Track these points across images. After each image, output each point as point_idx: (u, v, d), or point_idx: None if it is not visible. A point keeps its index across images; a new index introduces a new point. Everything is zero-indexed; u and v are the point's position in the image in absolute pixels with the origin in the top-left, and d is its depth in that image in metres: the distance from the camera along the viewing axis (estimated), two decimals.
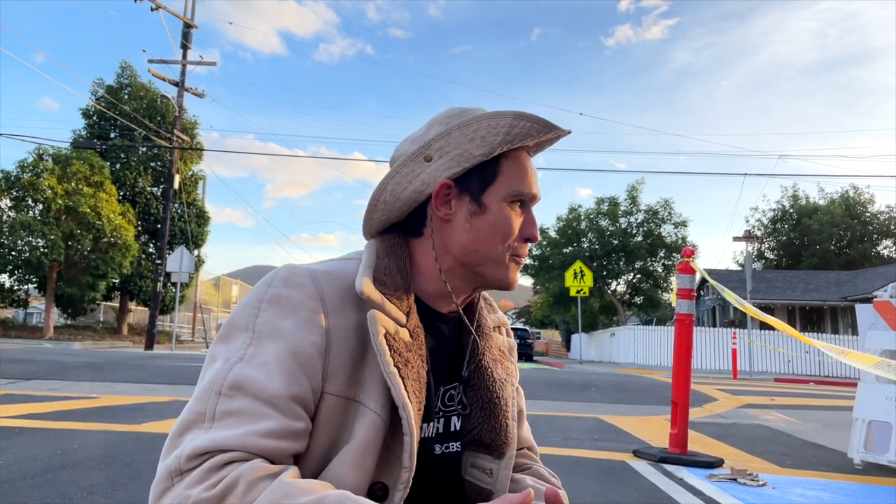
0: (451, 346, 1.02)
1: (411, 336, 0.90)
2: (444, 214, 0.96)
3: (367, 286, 0.87)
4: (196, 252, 25.63)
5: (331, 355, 0.84)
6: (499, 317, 1.15)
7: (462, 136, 0.94)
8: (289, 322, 0.84)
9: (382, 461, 0.84)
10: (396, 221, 1.01)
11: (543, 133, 0.96)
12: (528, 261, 35.03)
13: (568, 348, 46.42)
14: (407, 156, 0.97)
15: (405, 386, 0.84)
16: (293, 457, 0.82)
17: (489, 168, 0.96)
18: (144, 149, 25.17)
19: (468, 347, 1.03)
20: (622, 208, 33.17)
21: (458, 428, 1.01)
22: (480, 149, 0.94)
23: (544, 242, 34.46)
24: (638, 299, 34.62)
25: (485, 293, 1.13)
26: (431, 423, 0.97)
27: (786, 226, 39.74)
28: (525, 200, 0.98)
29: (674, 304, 4.75)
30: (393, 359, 0.85)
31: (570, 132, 1.01)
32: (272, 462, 0.77)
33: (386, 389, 0.85)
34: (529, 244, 0.99)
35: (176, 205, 23.94)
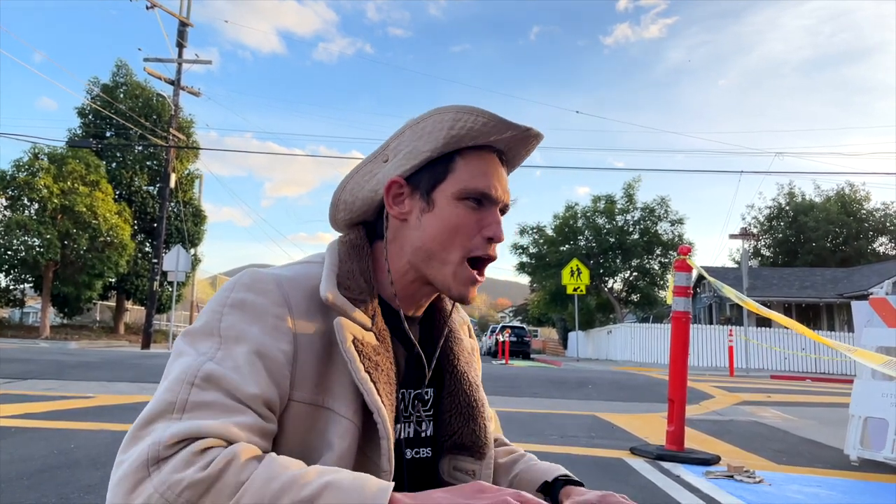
0: (415, 350, 1.01)
1: (378, 339, 0.89)
2: (398, 213, 0.95)
3: (331, 293, 0.87)
4: (192, 251, 25.60)
5: (298, 362, 0.83)
6: (462, 316, 1.14)
7: (413, 133, 0.94)
8: (255, 328, 0.82)
9: (359, 466, 0.82)
10: (364, 221, 1.01)
11: (493, 128, 0.92)
12: (525, 259, 35.04)
13: (565, 346, 46.45)
14: (368, 157, 0.98)
15: (377, 390, 0.84)
16: None
17: (440, 165, 0.94)
18: (140, 148, 25.13)
19: (436, 353, 1.02)
20: (619, 206, 33.15)
21: (428, 434, 1.01)
22: (427, 145, 0.93)
23: (541, 240, 34.47)
24: (635, 297, 34.64)
25: None
26: (400, 426, 0.96)
27: (782, 223, 39.79)
28: (480, 199, 0.94)
29: (670, 302, 4.75)
30: (363, 364, 0.84)
31: (537, 133, 0.97)
32: None
33: (357, 395, 0.83)
34: (494, 245, 0.96)
35: (172, 204, 23.89)
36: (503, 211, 0.99)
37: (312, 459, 0.81)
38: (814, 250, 36.96)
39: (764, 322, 24.63)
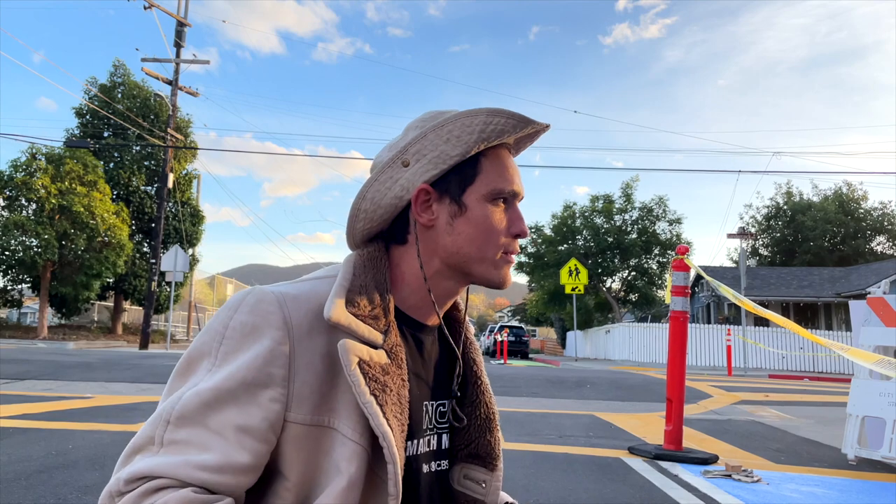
0: (437, 360, 1.01)
1: (389, 356, 0.87)
2: (427, 220, 0.94)
3: (335, 312, 0.85)
4: (190, 251, 25.55)
5: (295, 384, 0.82)
6: (468, 324, 1.14)
7: (437, 137, 0.93)
8: (250, 351, 0.82)
9: (369, 486, 0.83)
10: (381, 230, 0.99)
11: (519, 128, 0.94)
12: (523, 258, 35.06)
13: (563, 346, 46.48)
14: (385, 162, 0.95)
15: (384, 413, 0.82)
16: (261, 490, 0.83)
17: (468, 168, 0.94)
18: (138, 147, 25.09)
19: (458, 363, 1.02)
20: (617, 206, 33.20)
21: (446, 446, 1.01)
22: (457, 149, 0.92)
23: (539, 240, 34.49)
24: (633, 296, 34.68)
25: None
26: (421, 441, 0.95)
27: (780, 223, 39.85)
28: (507, 197, 0.96)
29: (668, 301, 4.76)
30: (369, 387, 0.82)
31: (548, 126, 0.98)
32: (211, 493, 0.77)
33: (364, 416, 0.83)
34: (520, 240, 0.98)
35: (170, 204, 23.86)
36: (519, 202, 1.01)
37: (323, 482, 0.81)
38: (811, 250, 37.01)
39: (762, 321, 24.66)
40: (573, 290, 22.72)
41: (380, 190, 0.95)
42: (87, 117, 25.25)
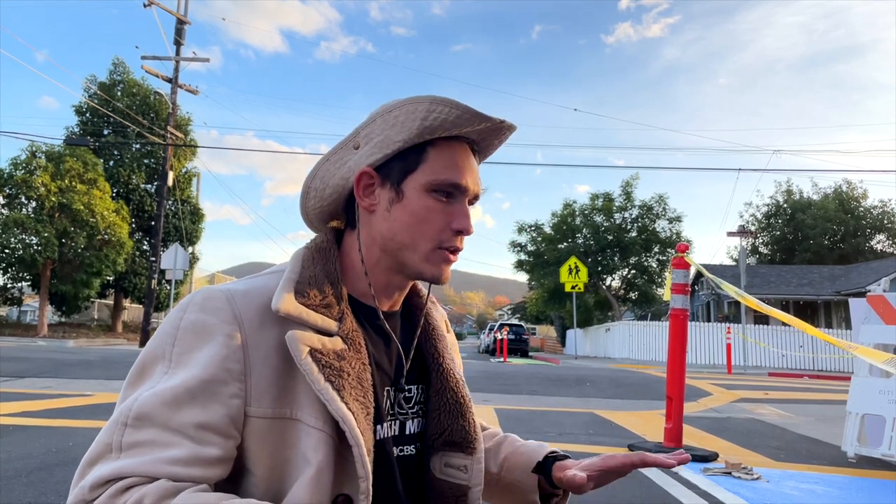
0: (397, 346, 1.00)
1: (345, 342, 0.87)
2: (369, 205, 0.94)
3: (283, 303, 0.85)
4: (190, 249, 25.57)
5: (252, 378, 0.82)
6: (440, 311, 1.14)
7: (384, 122, 0.92)
8: (205, 349, 0.81)
9: (340, 472, 0.82)
10: (334, 211, 0.99)
11: (465, 120, 0.91)
12: (523, 256, 35.06)
13: (563, 344, 46.46)
14: (338, 143, 0.96)
15: (342, 397, 0.82)
16: (222, 484, 0.82)
17: (412, 155, 0.92)
18: (138, 146, 25.09)
19: (412, 348, 1.01)
20: (616, 204, 33.16)
21: (413, 431, 1.00)
22: (400, 134, 0.91)
23: (539, 238, 34.48)
24: (632, 295, 34.66)
25: (424, 289, 1.10)
26: (385, 425, 0.94)
27: (779, 221, 39.85)
28: (451, 191, 0.93)
29: (667, 298, 4.76)
30: (323, 374, 0.82)
31: (504, 122, 0.95)
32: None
33: (324, 404, 0.82)
34: (463, 237, 0.95)
35: (170, 202, 23.85)
36: (473, 201, 0.98)
37: (292, 474, 0.81)
38: (811, 248, 37.01)
39: (762, 319, 24.67)
40: (573, 288, 22.71)
41: (329, 170, 0.96)
42: (87, 115, 25.26)
